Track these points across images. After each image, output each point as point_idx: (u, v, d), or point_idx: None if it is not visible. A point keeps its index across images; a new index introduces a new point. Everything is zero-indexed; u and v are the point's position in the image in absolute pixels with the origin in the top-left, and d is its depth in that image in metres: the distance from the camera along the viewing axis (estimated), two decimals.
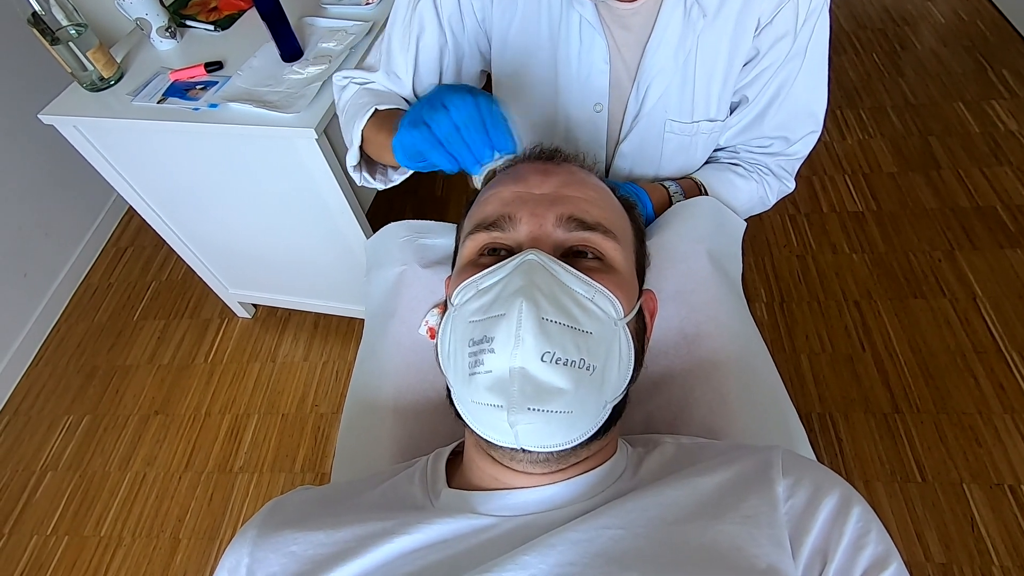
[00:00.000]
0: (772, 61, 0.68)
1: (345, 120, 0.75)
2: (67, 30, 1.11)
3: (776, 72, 0.68)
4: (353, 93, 0.76)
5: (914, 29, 2.30)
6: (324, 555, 0.45)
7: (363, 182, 0.77)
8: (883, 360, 1.47)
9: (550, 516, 0.45)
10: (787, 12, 0.64)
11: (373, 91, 0.75)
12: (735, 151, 0.80)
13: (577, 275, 0.45)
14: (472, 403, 0.44)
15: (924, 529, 1.23)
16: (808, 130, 0.75)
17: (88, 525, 1.46)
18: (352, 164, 0.73)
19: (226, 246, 1.48)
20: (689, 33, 0.65)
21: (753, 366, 0.63)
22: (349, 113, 0.74)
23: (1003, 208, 1.71)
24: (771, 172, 0.79)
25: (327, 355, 1.68)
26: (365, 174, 0.76)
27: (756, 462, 0.47)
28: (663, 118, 0.72)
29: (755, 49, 0.67)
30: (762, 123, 0.74)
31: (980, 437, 1.33)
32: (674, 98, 0.70)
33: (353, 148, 0.71)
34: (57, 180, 1.89)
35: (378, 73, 0.75)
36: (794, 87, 0.70)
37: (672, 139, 0.74)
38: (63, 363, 1.78)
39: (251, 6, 1.31)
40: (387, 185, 0.79)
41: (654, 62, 0.67)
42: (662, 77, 0.68)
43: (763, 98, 0.71)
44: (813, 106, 0.73)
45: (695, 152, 0.76)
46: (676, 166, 0.78)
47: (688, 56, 0.67)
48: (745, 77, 0.70)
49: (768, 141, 0.76)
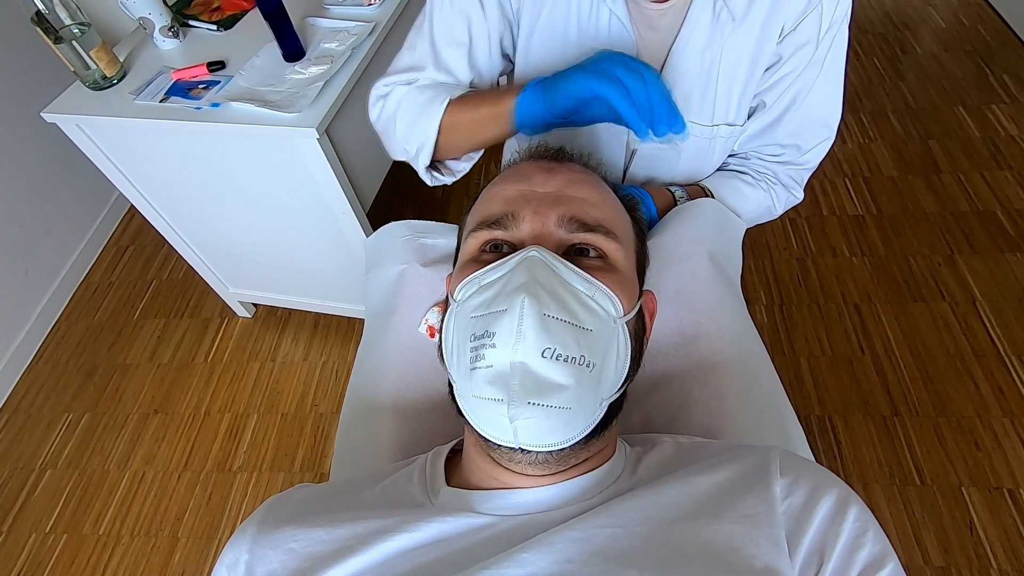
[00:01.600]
0: (793, 68, 0.68)
1: (407, 121, 0.70)
2: (70, 29, 1.12)
3: (795, 79, 0.68)
4: (405, 95, 0.71)
5: (915, 33, 2.31)
6: (323, 552, 0.45)
7: (435, 181, 0.75)
8: (882, 363, 1.47)
9: (549, 516, 0.45)
10: (811, 20, 0.64)
11: (431, 86, 0.70)
12: (745, 157, 0.80)
13: (579, 272, 0.46)
14: (473, 398, 0.44)
15: (922, 532, 1.23)
16: (821, 139, 0.75)
17: (87, 523, 1.46)
18: (426, 164, 0.71)
19: (227, 245, 1.49)
20: (716, 36, 0.65)
21: (752, 367, 0.63)
22: (411, 113, 0.69)
23: (1003, 212, 1.71)
24: (779, 181, 0.79)
25: (327, 355, 1.68)
26: (436, 174, 0.74)
27: (754, 462, 0.47)
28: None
29: (777, 55, 0.67)
30: (776, 129, 0.74)
31: (979, 441, 1.33)
32: (696, 101, 0.70)
33: (428, 146, 0.69)
34: (59, 179, 1.89)
35: (427, 71, 0.71)
36: (811, 95, 0.70)
37: (691, 142, 0.74)
38: (63, 361, 1.78)
39: (253, 6, 1.32)
40: (456, 177, 0.77)
41: (679, 64, 0.67)
42: (686, 80, 0.68)
43: (780, 104, 0.71)
44: (828, 116, 0.73)
45: (712, 156, 0.76)
46: (692, 169, 0.78)
47: (713, 60, 0.67)
48: (765, 82, 0.70)
49: (780, 149, 0.76)
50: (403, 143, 0.71)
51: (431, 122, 0.67)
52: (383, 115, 0.73)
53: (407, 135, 0.70)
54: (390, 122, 0.72)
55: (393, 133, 0.72)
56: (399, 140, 0.72)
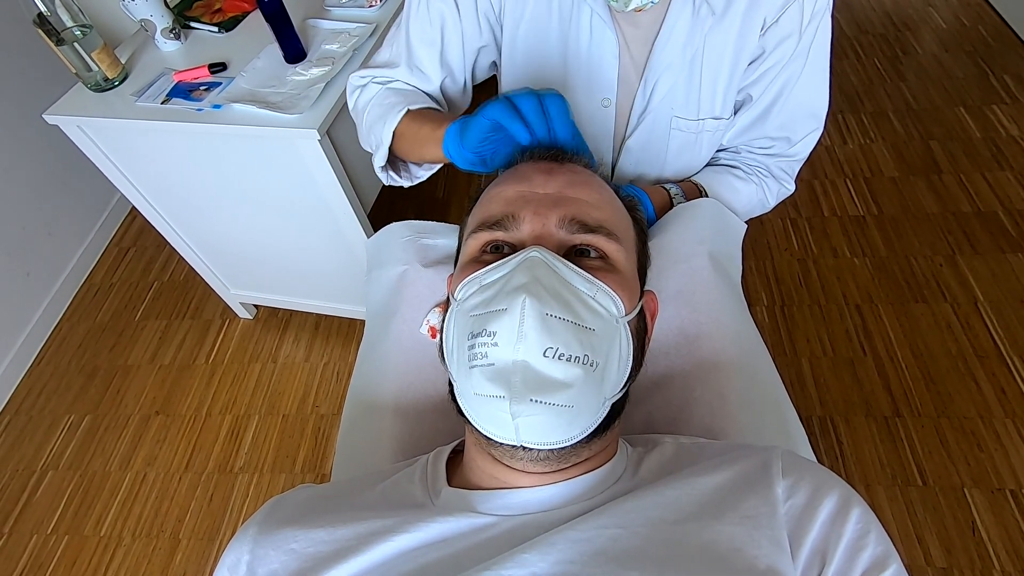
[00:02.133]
0: (777, 60, 0.68)
1: (370, 120, 0.74)
2: (72, 31, 1.12)
3: (780, 71, 0.69)
4: (376, 94, 0.75)
5: (916, 34, 2.31)
6: (324, 553, 0.45)
7: (390, 181, 0.79)
8: (884, 364, 1.47)
9: (550, 516, 0.45)
10: (792, 12, 0.65)
11: (399, 91, 0.75)
12: (736, 151, 0.80)
13: (580, 272, 0.46)
14: (474, 396, 0.44)
15: (925, 533, 1.23)
16: (810, 130, 0.76)
17: (88, 525, 1.46)
18: (380, 165, 0.75)
19: (228, 247, 1.49)
20: (697, 30, 0.66)
21: (754, 367, 0.63)
22: (374, 113, 0.74)
23: (1004, 213, 1.71)
24: (771, 174, 0.80)
25: (328, 356, 1.68)
26: (391, 173, 0.78)
27: (756, 462, 0.47)
28: (669, 115, 0.73)
29: (760, 48, 0.68)
30: (765, 122, 0.74)
31: (981, 442, 1.33)
32: (680, 95, 0.71)
33: (383, 148, 0.72)
34: (60, 180, 1.89)
35: (400, 69, 0.75)
36: (797, 87, 0.71)
37: (678, 136, 0.75)
38: (65, 363, 1.78)
39: (255, 8, 1.32)
40: (413, 182, 0.81)
41: (662, 58, 0.68)
42: (669, 73, 0.69)
43: (767, 97, 0.72)
44: (815, 106, 0.74)
45: (700, 150, 0.77)
46: (681, 164, 0.78)
47: (695, 53, 0.68)
48: (750, 76, 0.71)
49: (770, 142, 0.77)
50: (366, 137, 0.77)
51: (387, 127, 0.71)
52: (356, 106, 0.79)
53: (368, 133, 0.75)
54: (359, 115, 0.78)
55: (361, 126, 0.78)
56: (364, 134, 0.77)
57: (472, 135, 0.57)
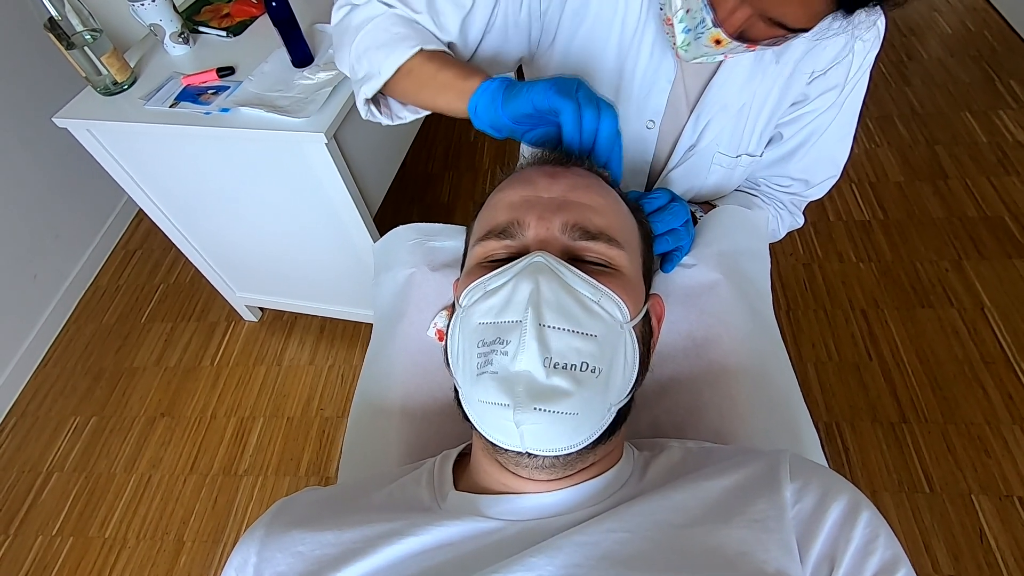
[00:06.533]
0: (816, 107, 0.70)
1: (365, 44, 0.63)
2: (82, 35, 1.13)
3: (816, 118, 0.71)
4: (380, 14, 0.64)
5: (921, 39, 2.31)
6: (331, 555, 0.45)
7: (368, 116, 0.69)
8: (890, 369, 1.46)
9: (557, 521, 0.45)
10: (841, 67, 0.66)
11: (410, 23, 0.64)
12: (756, 183, 0.83)
13: (583, 277, 0.46)
14: (479, 403, 0.44)
15: (932, 540, 1.22)
16: (828, 175, 0.78)
17: (93, 526, 1.46)
18: (368, 96, 0.65)
19: (234, 249, 1.49)
20: (757, 74, 0.66)
21: (766, 369, 0.63)
22: (375, 38, 0.63)
23: (1011, 218, 1.71)
24: (785, 207, 0.83)
25: (333, 359, 1.68)
26: (373, 108, 0.69)
27: (763, 466, 0.47)
28: (713, 151, 0.74)
29: (804, 94, 0.69)
30: (789, 163, 0.76)
31: (989, 448, 1.32)
32: (727, 134, 0.72)
33: (377, 80, 0.62)
34: (68, 183, 1.91)
35: (421, 15, 0.64)
36: (826, 134, 0.72)
37: (717, 171, 0.75)
38: (71, 365, 1.79)
39: (263, 12, 1.33)
40: (394, 122, 0.71)
41: (718, 97, 0.68)
42: (724, 114, 0.69)
43: (796, 139, 0.74)
44: (838, 155, 0.76)
45: (731, 182, 0.79)
46: (709, 192, 0.80)
47: (749, 96, 0.68)
48: (786, 116, 0.72)
49: (790, 181, 0.79)
50: (354, 61, 0.65)
51: (391, 59, 0.61)
52: (346, 22, 0.66)
53: (362, 56, 0.64)
54: (350, 33, 0.65)
55: (348, 46, 0.65)
56: (351, 56, 0.65)
57: (520, 105, 0.53)
